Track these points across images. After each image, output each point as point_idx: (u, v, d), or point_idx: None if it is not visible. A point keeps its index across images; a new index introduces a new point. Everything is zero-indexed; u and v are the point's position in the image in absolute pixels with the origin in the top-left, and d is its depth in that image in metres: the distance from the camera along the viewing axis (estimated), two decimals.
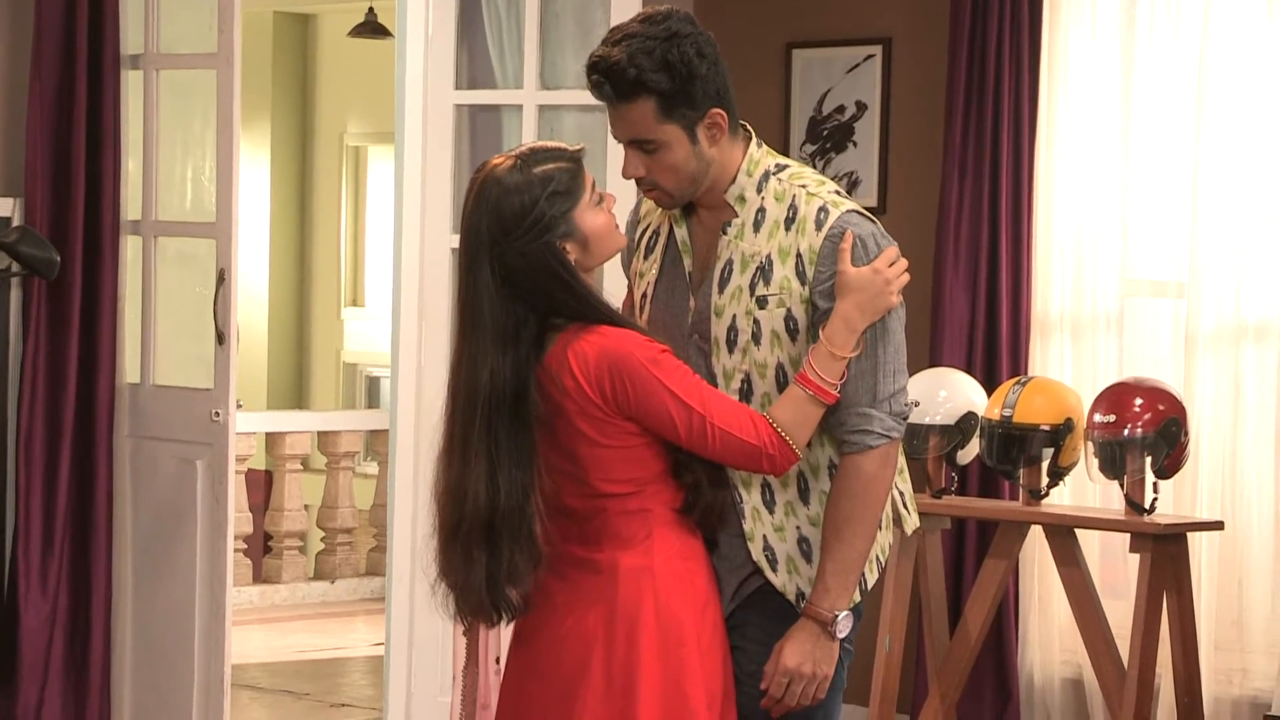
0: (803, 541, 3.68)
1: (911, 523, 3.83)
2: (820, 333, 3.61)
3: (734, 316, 3.67)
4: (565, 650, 3.61)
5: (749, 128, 3.75)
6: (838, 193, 3.70)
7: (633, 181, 3.72)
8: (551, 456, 3.60)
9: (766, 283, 3.65)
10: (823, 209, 3.65)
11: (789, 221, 3.65)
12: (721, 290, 3.68)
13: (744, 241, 3.67)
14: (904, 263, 3.66)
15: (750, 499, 3.68)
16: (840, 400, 3.62)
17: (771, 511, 3.68)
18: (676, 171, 3.66)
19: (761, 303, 3.65)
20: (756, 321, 3.65)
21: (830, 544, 3.62)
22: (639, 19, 3.63)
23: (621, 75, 3.58)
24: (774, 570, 3.68)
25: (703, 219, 3.75)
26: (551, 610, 3.63)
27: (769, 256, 3.65)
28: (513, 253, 3.57)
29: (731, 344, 3.67)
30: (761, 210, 3.68)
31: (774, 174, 3.70)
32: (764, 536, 3.68)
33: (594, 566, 3.61)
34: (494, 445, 3.56)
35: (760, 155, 3.72)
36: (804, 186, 3.68)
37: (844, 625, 3.63)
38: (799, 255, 3.64)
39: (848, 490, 3.63)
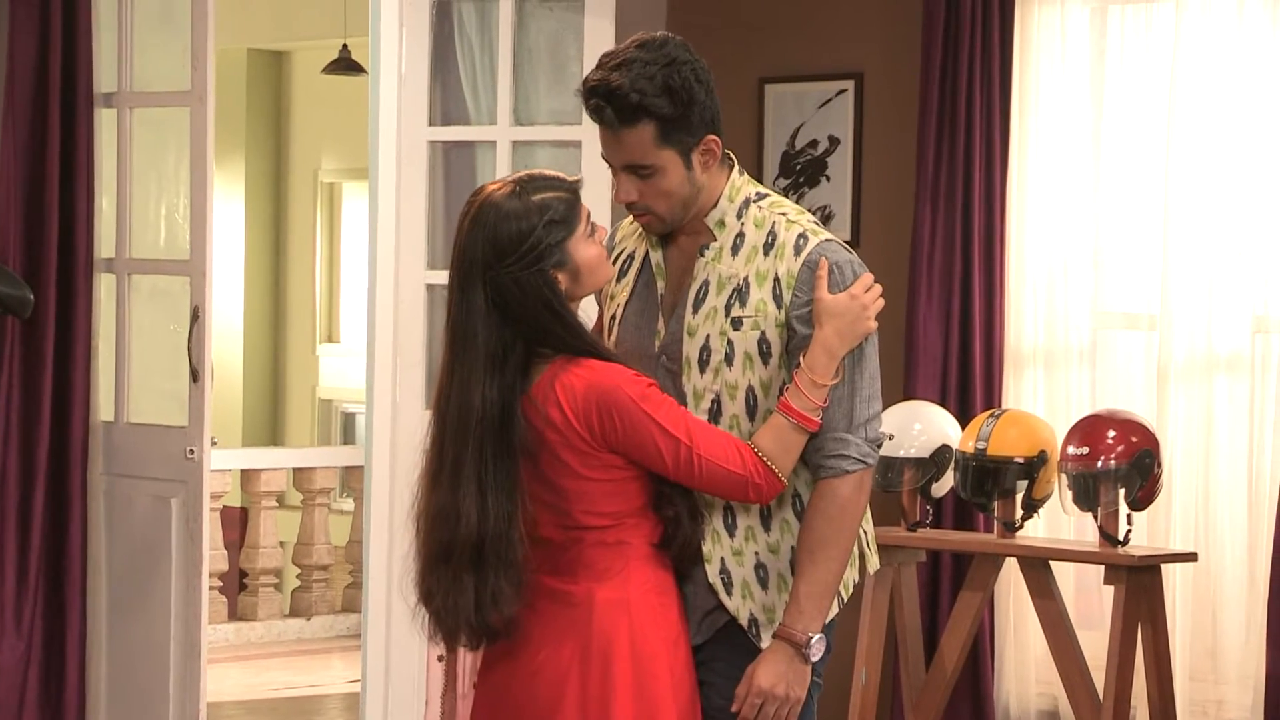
0: (760, 568, 3.69)
1: (873, 563, 3.84)
2: (800, 360, 3.63)
3: (707, 336, 3.69)
4: (539, 683, 3.60)
5: (732, 155, 3.78)
6: (815, 223, 3.73)
7: (606, 208, 3.74)
8: (533, 486, 3.61)
9: (742, 305, 3.67)
10: (802, 236, 3.68)
11: (768, 247, 3.69)
12: (696, 310, 3.70)
13: (721, 264, 3.70)
14: (879, 288, 3.69)
15: (711, 521, 3.69)
16: (832, 413, 3.65)
17: (731, 535, 3.69)
18: (670, 196, 3.68)
19: (736, 324, 3.67)
20: (730, 342, 3.67)
21: (804, 566, 3.63)
22: (635, 44, 3.66)
23: (624, 100, 3.60)
24: (728, 594, 3.68)
25: (679, 243, 3.77)
26: (525, 642, 3.63)
27: (746, 279, 3.68)
28: (506, 278, 3.58)
29: (703, 364, 3.69)
30: (740, 235, 3.71)
31: (754, 201, 3.74)
32: (721, 559, 3.69)
33: (569, 599, 3.61)
34: (484, 469, 3.57)
35: (742, 183, 3.76)
36: (784, 214, 3.72)
37: (817, 648, 3.63)
38: (776, 279, 3.67)
39: (823, 513, 3.64)
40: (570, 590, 3.61)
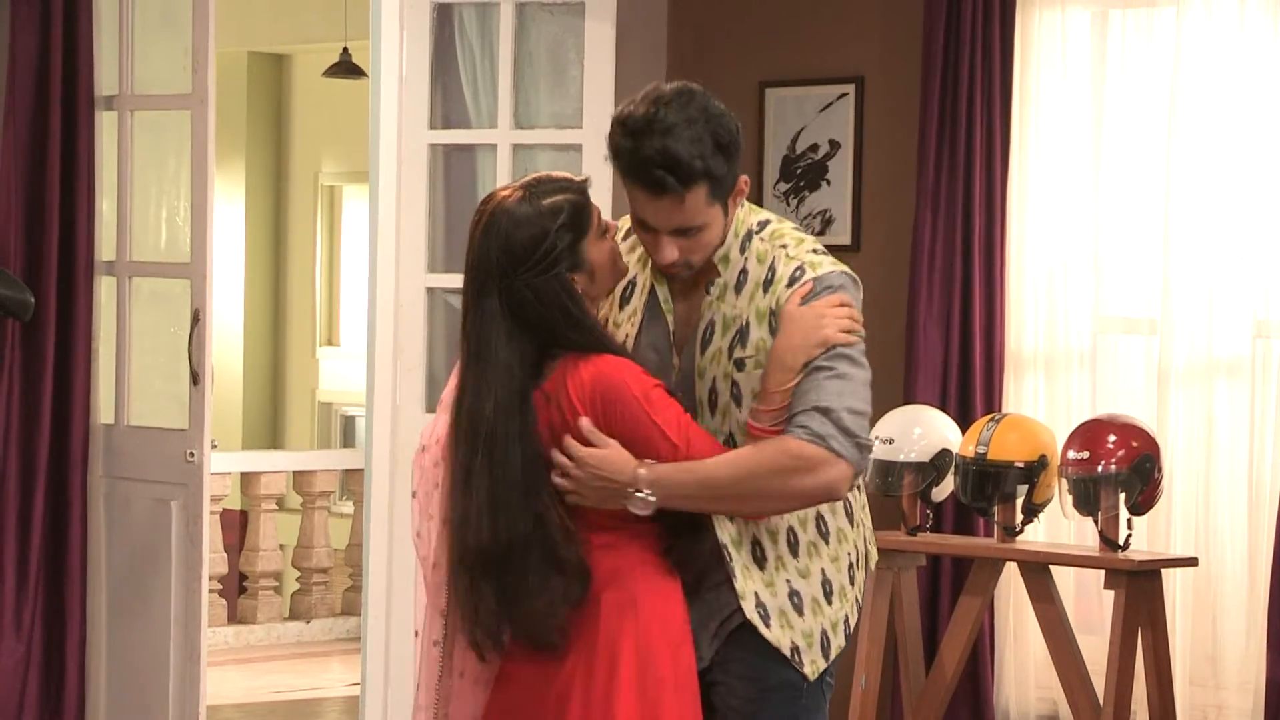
0: (794, 595, 3.67)
1: (872, 557, 3.83)
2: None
3: (714, 379, 3.67)
4: (545, 683, 3.61)
5: None
6: (815, 250, 3.68)
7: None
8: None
9: (743, 345, 3.65)
10: (799, 269, 3.65)
11: (767, 283, 3.65)
12: (703, 352, 3.69)
13: (725, 303, 3.67)
14: (850, 309, 3.61)
15: (740, 557, 3.66)
16: (793, 406, 3.57)
17: (762, 567, 3.67)
18: (709, 247, 3.65)
19: (739, 365, 3.65)
20: (735, 384, 3.65)
21: (710, 461, 3.55)
22: (662, 102, 3.55)
23: (689, 168, 3.53)
24: (767, 626, 3.67)
25: (683, 277, 3.74)
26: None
27: (747, 319, 3.66)
28: (521, 285, 3.58)
29: (713, 405, 3.68)
30: (744, 271, 3.68)
31: (756, 233, 3.69)
32: (755, 593, 3.67)
33: (577, 600, 3.62)
34: (497, 476, 3.57)
35: (744, 214, 3.71)
36: (784, 247, 3.67)
37: (640, 500, 3.55)
38: (773, 314, 3.64)
39: (761, 446, 3.54)
40: None
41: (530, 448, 3.58)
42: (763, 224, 3.71)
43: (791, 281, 3.63)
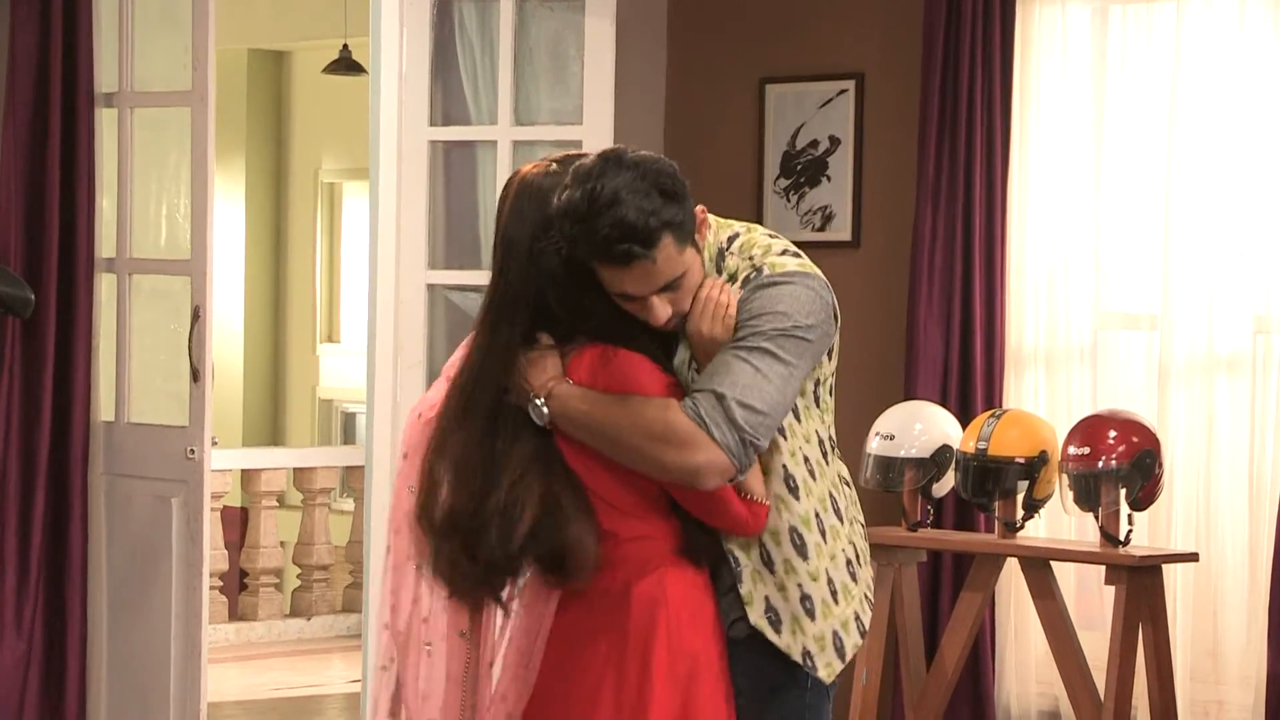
0: (805, 599, 3.63)
1: (866, 553, 3.80)
2: None
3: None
4: (577, 678, 3.61)
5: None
6: (784, 252, 3.63)
7: None
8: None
9: None
10: (756, 270, 3.60)
11: None
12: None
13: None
14: (710, 291, 3.56)
15: (749, 561, 3.63)
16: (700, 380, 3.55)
17: (772, 571, 3.63)
18: (692, 289, 3.58)
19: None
20: None
21: (611, 399, 3.55)
22: (594, 175, 3.48)
23: (647, 229, 3.47)
24: (777, 632, 3.62)
25: (674, 326, 3.68)
26: (562, 637, 3.63)
27: None
28: (552, 251, 3.56)
29: None
30: None
31: (726, 250, 3.65)
32: (765, 598, 3.63)
33: (606, 593, 3.61)
34: (457, 446, 3.59)
35: (713, 234, 3.66)
36: (750, 259, 3.63)
37: (536, 407, 3.55)
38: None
39: (653, 403, 3.50)
40: (608, 585, 3.60)
41: (509, 419, 3.59)
42: (732, 238, 3.66)
43: (744, 284, 3.59)
